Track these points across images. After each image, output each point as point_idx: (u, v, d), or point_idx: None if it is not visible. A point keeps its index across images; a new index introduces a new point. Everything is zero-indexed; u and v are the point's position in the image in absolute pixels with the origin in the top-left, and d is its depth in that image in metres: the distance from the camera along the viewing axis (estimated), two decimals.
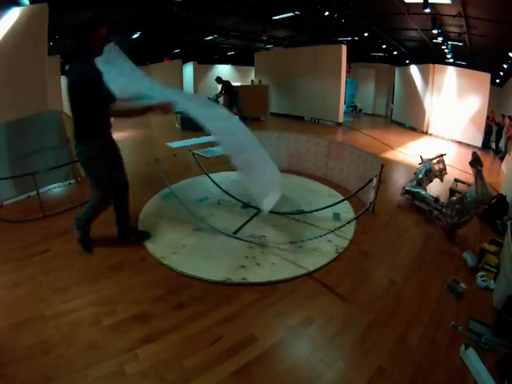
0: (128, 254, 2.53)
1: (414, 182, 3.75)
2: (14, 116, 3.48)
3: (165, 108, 2.08)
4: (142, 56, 12.51)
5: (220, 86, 8.80)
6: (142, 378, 1.49)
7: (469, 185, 3.64)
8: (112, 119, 2.28)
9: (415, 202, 3.56)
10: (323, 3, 6.80)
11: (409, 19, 7.32)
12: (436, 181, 4.13)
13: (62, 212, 3.30)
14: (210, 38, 11.11)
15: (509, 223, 2.66)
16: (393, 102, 12.43)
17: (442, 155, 4.23)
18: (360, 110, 13.98)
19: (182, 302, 2.01)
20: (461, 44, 8.22)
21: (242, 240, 2.69)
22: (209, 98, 5.16)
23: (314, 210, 3.22)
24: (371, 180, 3.06)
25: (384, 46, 10.50)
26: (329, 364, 1.60)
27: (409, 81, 10.50)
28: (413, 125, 10.25)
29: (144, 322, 1.83)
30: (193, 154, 3.96)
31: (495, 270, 2.39)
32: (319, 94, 10.18)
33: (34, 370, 1.51)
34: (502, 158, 6.63)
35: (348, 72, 11.67)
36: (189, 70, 13.35)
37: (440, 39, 7.85)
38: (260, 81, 12.01)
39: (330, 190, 4.00)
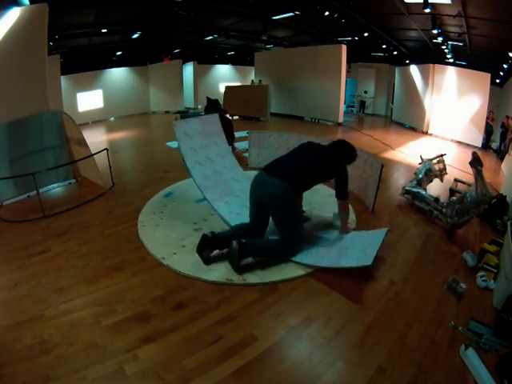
0: (128, 254, 2.53)
1: (414, 182, 3.75)
2: (14, 116, 3.49)
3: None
4: (142, 56, 12.50)
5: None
6: (141, 378, 1.49)
7: (469, 185, 3.63)
8: None
9: (415, 202, 3.56)
10: (323, 3, 6.80)
11: (409, 19, 7.32)
12: (436, 181, 4.13)
13: (61, 212, 3.30)
14: (210, 37, 11.10)
15: (509, 223, 2.66)
16: (393, 102, 12.43)
17: (441, 155, 4.24)
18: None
19: (181, 301, 2.01)
20: (461, 44, 8.22)
21: None
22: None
23: None
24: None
25: (384, 46, 10.49)
26: (329, 364, 1.60)
27: (409, 81, 10.49)
28: (413, 125, 10.24)
29: (144, 322, 1.83)
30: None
31: (495, 270, 2.38)
32: (319, 94, 10.18)
33: (34, 370, 1.51)
34: (502, 158, 6.63)
35: (348, 72, 11.68)
36: (189, 69, 13.37)
37: (440, 39, 7.85)
38: (260, 81, 12.01)
39: (330, 190, 3.99)
